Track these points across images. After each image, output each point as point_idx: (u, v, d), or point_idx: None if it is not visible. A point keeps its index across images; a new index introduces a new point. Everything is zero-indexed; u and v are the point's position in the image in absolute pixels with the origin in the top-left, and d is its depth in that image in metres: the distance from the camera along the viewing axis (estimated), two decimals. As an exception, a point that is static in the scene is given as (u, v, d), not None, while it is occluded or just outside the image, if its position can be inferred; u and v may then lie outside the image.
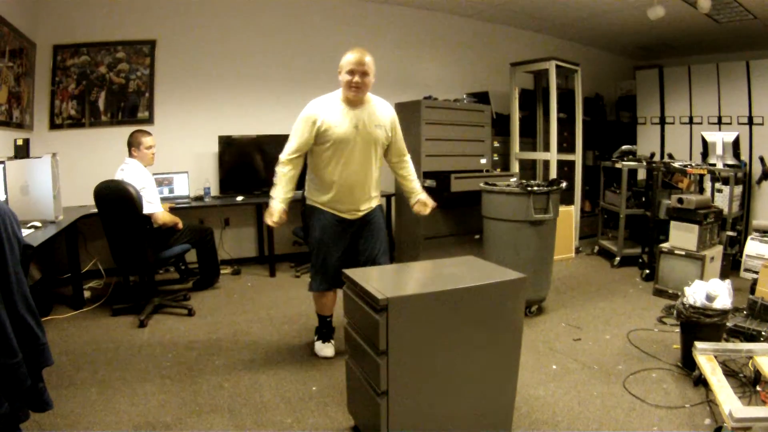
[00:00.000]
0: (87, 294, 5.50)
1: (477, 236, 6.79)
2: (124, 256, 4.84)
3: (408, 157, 4.21)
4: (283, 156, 3.82)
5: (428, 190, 6.26)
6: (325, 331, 4.30)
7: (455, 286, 2.72)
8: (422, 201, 4.16)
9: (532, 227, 4.82)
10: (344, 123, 3.73)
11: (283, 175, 3.82)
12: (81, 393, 3.54)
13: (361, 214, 3.97)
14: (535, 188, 4.77)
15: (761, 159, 6.62)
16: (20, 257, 2.29)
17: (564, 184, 4.97)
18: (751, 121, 6.97)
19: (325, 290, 4.08)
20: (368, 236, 4.03)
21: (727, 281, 3.96)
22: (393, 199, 7.30)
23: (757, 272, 5.38)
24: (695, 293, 3.90)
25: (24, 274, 2.32)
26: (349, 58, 3.69)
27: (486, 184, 5.14)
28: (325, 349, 4.23)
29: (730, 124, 7.22)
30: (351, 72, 3.67)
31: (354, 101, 3.77)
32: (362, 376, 2.84)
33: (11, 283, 2.20)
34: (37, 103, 5.84)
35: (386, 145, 4.02)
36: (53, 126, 6.01)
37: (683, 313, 3.85)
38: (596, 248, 7.64)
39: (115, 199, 4.57)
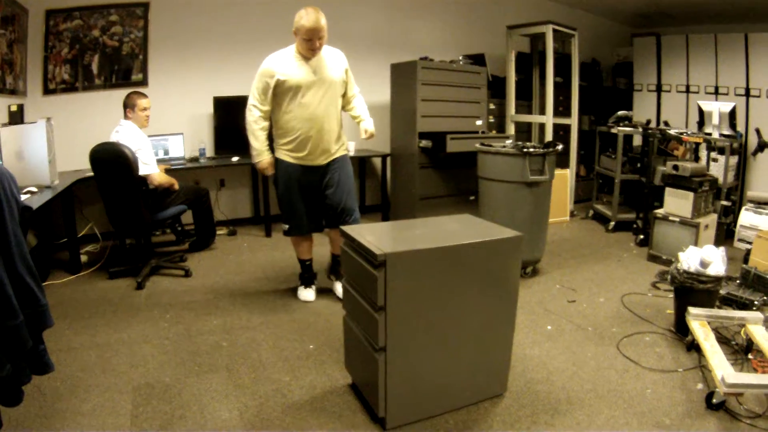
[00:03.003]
0: (84, 258, 5.49)
1: (472, 197, 6.89)
2: (121, 219, 4.83)
3: (358, 95, 4.42)
4: (250, 103, 4.14)
5: (424, 150, 6.42)
6: (306, 276, 4.63)
7: (453, 243, 2.73)
8: (363, 128, 4.30)
9: (528, 189, 4.82)
10: (300, 72, 3.96)
11: (259, 128, 4.16)
12: (80, 356, 3.56)
13: (324, 161, 4.18)
14: (531, 150, 4.76)
15: (757, 131, 6.60)
16: (19, 219, 2.27)
17: (560, 147, 4.95)
18: (748, 93, 6.95)
19: (298, 236, 4.44)
20: (335, 186, 4.23)
21: (721, 248, 3.97)
22: (389, 159, 7.32)
23: (750, 242, 5.39)
24: (689, 259, 3.91)
25: (23, 235, 2.30)
26: (305, 25, 3.83)
27: (482, 145, 5.12)
28: (306, 293, 4.58)
29: (727, 94, 7.19)
30: (309, 39, 3.86)
31: (305, 56, 3.99)
32: (360, 332, 2.86)
33: (11, 245, 2.18)
34: (30, 68, 5.76)
35: (343, 92, 4.24)
36: (47, 91, 5.94)
37: (677, 278, 3.87)
38: (591, 212, 7.65)
39: (111, 160, 4.54)
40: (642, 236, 6.21)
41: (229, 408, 2.99)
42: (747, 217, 5.99)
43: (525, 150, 4.74)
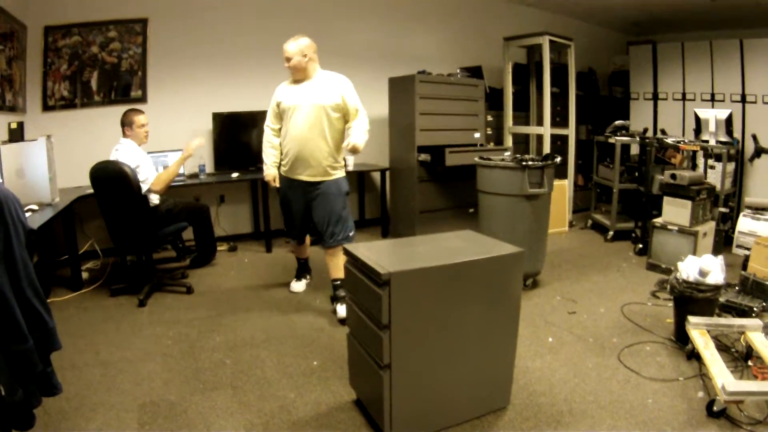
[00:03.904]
0: (85, 275, 5.49)
1: (471, 210, 6.85)
2: (122, 236, 4.84)
3: (361, 117, 4.48)
4: (266, 123, 4.68)
5: (423, 164, 6.45)
6: (300, 271, 5.25)
7: (455, 260, 2.77)
8: (348, 140, 4.30)
9: (527, 201, 4.85)
10: (291, 96, 4.43)
11: (269, 146, 4.65)
12: (84, 375, 3.56)
13: (309, 179, 4.47)
14: (530, 163, 4.78)
15: (754, 137, 6.64)
16: (25, 241, 2.28)
17: (558, 159, 4.98)
18: (744, 99, 6.99)
19: (293, 239, 5.02)
20: (318, 207, 4.52)
21: (720, 257, 4.00)
22: (387, 173, 7.34)
23: (749, 249, 5.42)
24: (688, 268, 3.94)
25: (29, 258, 2.32)
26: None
27: (481, 158, 5.15)
28: (296, 285, 5.20)
29: (723, 101, 7.23)
30: (285, 61, 4.38)
31: (297, 80, 4.47)
32: (364, 350, 2.89)
33: (18, 269, 2.20)
34: (29, 85, 5.77)
35: (341, 111, 4.43)
36: (46, 108, 5.95)
37: (676, 287, 3.89)
38: (589, 222, 7.69)
39: (111, 179, 4.56)
40: (641, 245, 6.24)
41: (235, 426, 3.00)
42: (745, 223, 6.02)
43: (524, 163, 4.77)
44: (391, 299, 2.58)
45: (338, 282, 4.54)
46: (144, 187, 4.72)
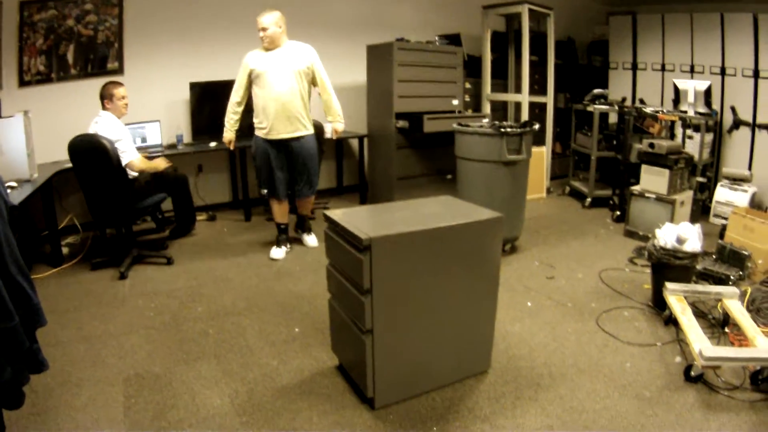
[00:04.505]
0: (65, 250, 5.42)
1: (449, 176, 6.91)
2: (101, 210, 4.80)
3: (330, 95, 5.15)
4: (231, 98, 5.08)
5: (401, 130, 6.47)
6: (280, 237, 5.38)
7: (435, 226, 2.78)
8: (333, 128, 5.30)
9: (506, 168, 4.86)
10: (264, 63, 4.84)
11: (231, 111, 5.10)
12: (69, 350, 3.55)
13: (289, 135, 4.94)
14: (509, 129, 4.79)
15: (732, 109, 6.67)
16: (8, 218, 2.25)
17: (537, 126, 5.01)
18: (723, 72, 6.96)
19: (276, 198, 5.20)
20: (299, 160, 5.08)
21: (697, 225, 4.05)
22: (366, 140, 7.34)
23: (726, 218, 5.49)
24: (666, 236, 3.99)
25: (12, 234, 2.29)
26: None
27: (459, 125, 5.15)
28: (276, 252, 5.28)
29: (703, 73, 7.20)
30: (260, 31, 4.82)
31: (268, 49, 4.89)
32: (346, 315, 2.92)
33: (2, 245, 2.16)
34: (5, 61, 5.65)
35: (311, 77, 5.02)
36: (22, 83, 5.82)
37: (654, 254, 3.95)
38: (567, 189, 7.74)
39: (90, 152, 4.51)
40: (618, 212, 6.29)
41: (220, 395, 3.03)
42: (722, 193, 6.09)
43: (502, 130, 4.78)
44: (372, 264, 2.60)
45: (304, 216, 5.57)
46: (123, 159, 4.66)
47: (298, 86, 4.89)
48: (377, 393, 2.83)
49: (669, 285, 3.73)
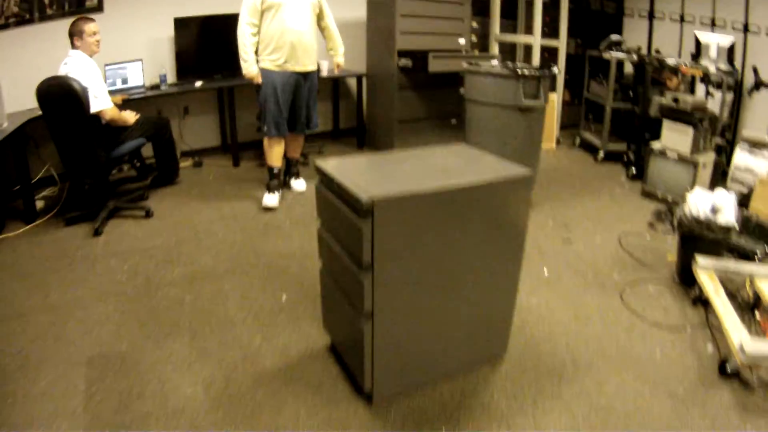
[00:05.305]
0: (40, 205, 4.99)
1: (454, 120, 6.71)
2: (74, 160, 4.41)
3: (332, 24, 5.13)
4: (242, 21, 4.66)
5: (403, 70, 6.18)
6: (273, 183, 5.07)
7: (453, 184, 2.28)
8: (336, 62, 5.28)
9: (521, 114, 4.48)
10: None
11: (250, 43, 4.69)
12: (31, 323, 3.16)
13: (303, 69, 4.83)
14: (526, 72, 4.40)
15: (754, 69, 6.24)
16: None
17: (556, 70, 4.62)
18: (746, 29, 6.55)
19: (279, 136, 4.94)
20: (305, 95, 4.97)
21: (732, 194, 3.67)
22: (364, 79, 6.94)
23: (743, 183, 5.11)
24: (698, 203, 3.59)
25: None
26: None
27: (470, 64, 4.77)
28: (270, 198, 4.99)
29: (724, 27, 6.78)
30: None
31: None
32: (341, 293, 2.47)
33: None
34: None
35: (318, 14, 4.94)
36: None
37: (685, 223, 3.56)
38: (578, 140, 7.35)
39: (59, 97, 4.08)
40: (634, 169, 5.91)
41: (193, 381, 2.63)
42: (741, 157, 5.68)
43: (519, 72, 4.38)
44: (374, 233, 2.11)
45: (295, 160, 5.42)
46: (93, 107, 4.24)
47: (312, 20, 4.85)
48: (376, 386, 2.41)
49: (700, 260, 3.35)
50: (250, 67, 4.74)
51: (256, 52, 4.80)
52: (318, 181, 2.54)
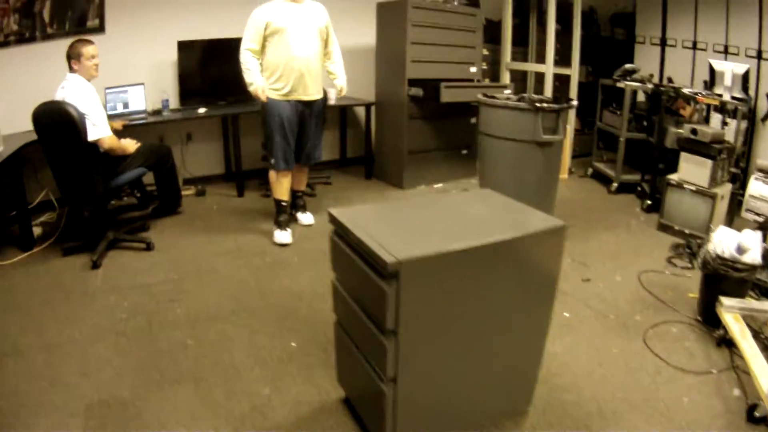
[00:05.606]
0: (38, 231, 4.85)
1: (464, 151, 6.61)
2: (70, 188, 4.27)
3: (337, 51, 4.94)
4: (243, 47, 4.49)
5: (413, 99, 6.05)
6: (283, 218, 4.86)
7: (486, 240, 2.10)
8: (338, 86, 4.94)
9: (539, 149, 4.36)
10: (285, 17, 4.42)
11: (251, 64, 4.49)
12: (26, 362, 3.02)
13: (308, 97, 4.64)
14: (545, 105, 4.29)
15: (768, 96, 6.19)
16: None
17: (575, 102, 4.48)
18: (760, 56, 6.48)
19: (285, 170, 4.75)
20: (311, 125, 4.80)
21: (758, 233, 3.55)
22: (373, 108, 6.80)
23: (759, 214, 5.00)
24: (723, 242, 3.46)
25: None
26: None
27: (485, 96, 4.65)
28: (282, 235, 4.77)
29: (737, 55, 6.71)
30: None
31: (296, 3, 4.52)
32: (360, 353, 2.30)
33: None
34: None
35: (325, 40, 4.74)
36: None
37: (710, 263, 3.43)
38: (590, 170, 7.22)
39: (55, 123, 3.95)
40: (649, 201, 5.78)
41: (199, 434, 2.46)
42: (756, 186, 5.57)
43: (537, 105, 4.26)
44: (400, 297, 1.94)
45: (300, 193, 5.25)
46: (91, 135, 4.11)
47: (319, 46, 4.66)
48: (396, 446, 2.24)
49: (725, 301, 3.23)
50: (254, 83, 4.50)
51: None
52: (333, 231, 2.39)
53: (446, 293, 2.07)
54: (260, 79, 4.50)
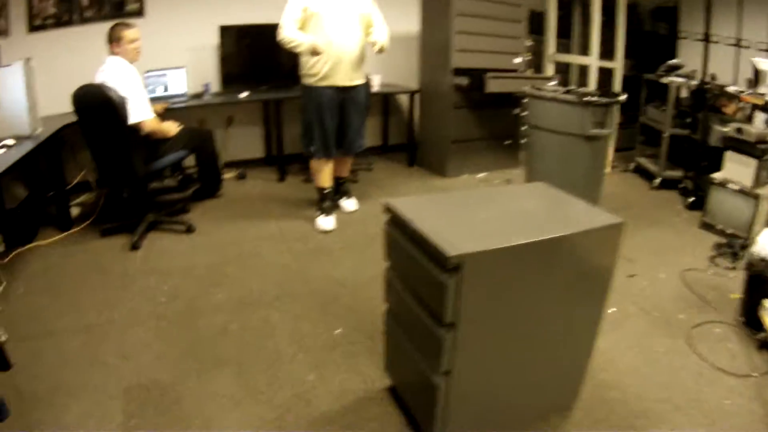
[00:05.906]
0: (76, 212, 4.91)
1: (508, 142, 6.58)
2: (110, 171, 4.30)
3: (381, 30, 4.66)
4: (281, 31, 4.34)
5: (458, 88, 6.02)
6: (326, 204, 4.83)
7: (544, 236, 2.08)
8: (374, 39, 4.57)
9: (587, 143, 4.33)
10: (326, 1, 4.36)
11: (292, 34, 4.32)
12: (63, 344, 3.03)
13: (350, 83, 4.57)
14: (593, 99, 4.26)
15: (809, 97, 6.05)
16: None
17: (624, 97, 4.50)
18: (802, 54, 6.37)
19: (327, 157, 4.72)
20: (354, 113, 4.71)
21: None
22: (417, 96, 6.78)
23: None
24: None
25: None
26: None
27: (533, 88, 4.65)
28: (326, 221, 4.74)
29: (782, 54, 6.59)
30: None
31: None
32: (413, 346, 2.29)
33: None
34: (12, 2, 5.13)
35: (368, 24, 4.60)
36: (32, 28, 5.29)
37: (754, 265, 3.37)
38: (632, 165, 7.14)
39: (95, 106, 3.96)
40: (692, 199, 5.68)
41: (240, 423, 2.47)
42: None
43: (585, 99, 4.23)
44: (461, 291, 1.93)
45: (343, 180, 5.17)
46: (132, 118, 4.13)
47: (361, 32, 4.55)
48: (444, 438, 2.23)
49: (768, 304, 3.16)
50: (306, 44, 4.30)
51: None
52: (388, 221, 2.38)
53: (504, 288, 2.06)
54: (306, 36, 4.33)
